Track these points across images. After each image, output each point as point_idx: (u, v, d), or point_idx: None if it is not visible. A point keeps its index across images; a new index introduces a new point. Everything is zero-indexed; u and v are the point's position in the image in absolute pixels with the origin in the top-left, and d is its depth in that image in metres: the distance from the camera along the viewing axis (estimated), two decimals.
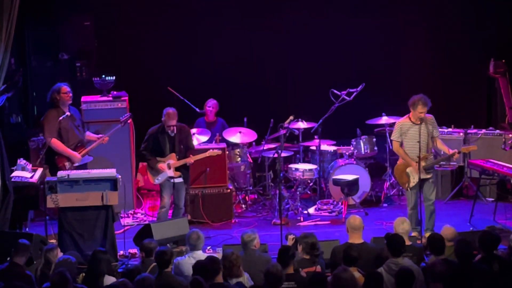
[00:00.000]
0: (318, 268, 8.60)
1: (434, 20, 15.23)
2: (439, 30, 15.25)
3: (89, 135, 11.93)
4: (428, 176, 11.17)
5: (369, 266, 8.70)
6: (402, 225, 9.38)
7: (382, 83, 15.00)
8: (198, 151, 12.06)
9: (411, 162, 11.08)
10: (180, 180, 11.73)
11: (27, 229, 11.47)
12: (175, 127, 11.58)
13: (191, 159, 11.72)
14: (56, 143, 11.37)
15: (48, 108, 11.63)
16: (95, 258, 8.54)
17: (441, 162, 12.64)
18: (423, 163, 11.01)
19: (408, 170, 11.20)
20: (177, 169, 11.67)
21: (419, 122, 11.05)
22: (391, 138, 11.46)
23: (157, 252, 8.55)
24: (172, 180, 11.69)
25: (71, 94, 11.59)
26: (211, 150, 12.10)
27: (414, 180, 11.17)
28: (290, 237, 9.38)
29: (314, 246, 8.80)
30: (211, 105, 13.75)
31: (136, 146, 12.64)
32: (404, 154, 11.19)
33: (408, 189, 11.28)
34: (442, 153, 11.87)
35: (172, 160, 11.62)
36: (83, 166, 11.55)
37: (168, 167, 11.61)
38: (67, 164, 11.40)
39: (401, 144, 11.24)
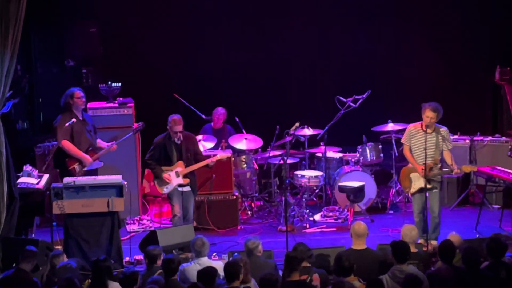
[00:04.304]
0: (316, 276, 8.58)
1: (439, 27, 15.21)
2: (445, 37, 15.23)
3: (99, 142, 11.94)
4: (429, 186, 11.06)
5: (372, 272, 8.68)
6: (410, 234, 9.36)
7: (388, 90, 15.01)
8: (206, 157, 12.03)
9: (417, 167, 11.06)
10: (188, 189, 11.70)
11: (33, 235, 11.49)
12: (181, 134, 11.55)
13: (213, 159, 11.67)
14: (67, 145, 11.40)
15: (56, 113, 11.68)
16: (97, 267, 8.48)
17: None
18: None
19: (411, 175, 11.19)
20: (185, 176, 11.66)
21: (428, 130, 10.99)
22: (401, 141, 11.46)
23: (164, 260, 8.54)
24: (180, 189, 11.66)
25: (84, 99, 11.67)
26: (218, 155, 12.01)
27: (414, 187, 11.16)
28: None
29: (308, 252, 8.80)
30: (220, 113, 13.75)
31: (142, 152, 12.64)
32: (411, 158, 11.15)
33: (409, 194, 11.29)
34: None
35: (180, 167, 11.59)
36: (94, 172, 11.57)
37: (176, 175, 11.58)
38: (77, 167, 11.42)
39: (411, 149, 11.20)
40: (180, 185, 11.62)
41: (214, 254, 10.86)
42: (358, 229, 9.26)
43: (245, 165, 13.27)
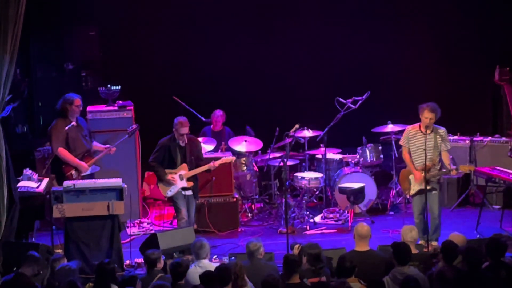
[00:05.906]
0: (323, 279, 8.56)
1: (439, 28, 15.22)
2: (444, 37, 15.24)
3: (96, 145, 11.94)
4: (428, 187, 11.01)
5: (375, 273, 8.67)
6: (410, 233, 9.35)
7: (388, 91, 14.99)
8: (207, 160, 12.01)
9: (414, 170, 11.07)
10: (191, 193, 11.69)
11: (33, 239, 11.47)
12: (186, 137, 11.53)
13: (215, 163, 11.69)
14: (63, 152, 11.38)
15: (55, 116, 11.66)
16: (101, 270, 8.47)
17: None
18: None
19: (410, 177, 11.20)
20: (188, 179, 11.64)
21: (427, 131, 10.98)
22: (399, 143, 11.46)
23: (172, 264, 8.51)
24: (184, 193, 11.65)
25: (81, 108, 11.65)
26: (222, 158, 12.03)
27: (414, 188, 11.16)
28: (296, 246, 9.36)
29: (317, 258, 8.72)
30: (218, 115, 13.75)
31: (142, 155, 12.64)
32: (409, 161, 11.16)
33: (408, 195, 11.30)
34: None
35: (184, 170, 11.58)
36: (90, 176, 11.54)
37: (180, 178, 11.57)
38: (74, 173, 11.40)
39: (409, 151, 11.21)
40: (184, 189, 11.61)
41: (215, 256, 10.84)
42: (361, 230, 9.23)
43: (245, 167, 13.25)
